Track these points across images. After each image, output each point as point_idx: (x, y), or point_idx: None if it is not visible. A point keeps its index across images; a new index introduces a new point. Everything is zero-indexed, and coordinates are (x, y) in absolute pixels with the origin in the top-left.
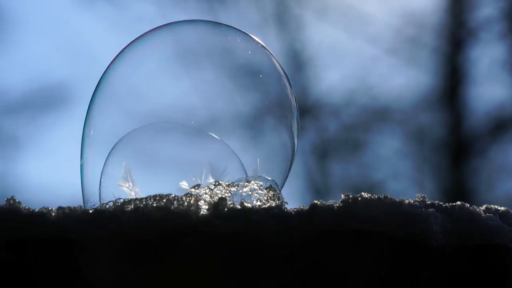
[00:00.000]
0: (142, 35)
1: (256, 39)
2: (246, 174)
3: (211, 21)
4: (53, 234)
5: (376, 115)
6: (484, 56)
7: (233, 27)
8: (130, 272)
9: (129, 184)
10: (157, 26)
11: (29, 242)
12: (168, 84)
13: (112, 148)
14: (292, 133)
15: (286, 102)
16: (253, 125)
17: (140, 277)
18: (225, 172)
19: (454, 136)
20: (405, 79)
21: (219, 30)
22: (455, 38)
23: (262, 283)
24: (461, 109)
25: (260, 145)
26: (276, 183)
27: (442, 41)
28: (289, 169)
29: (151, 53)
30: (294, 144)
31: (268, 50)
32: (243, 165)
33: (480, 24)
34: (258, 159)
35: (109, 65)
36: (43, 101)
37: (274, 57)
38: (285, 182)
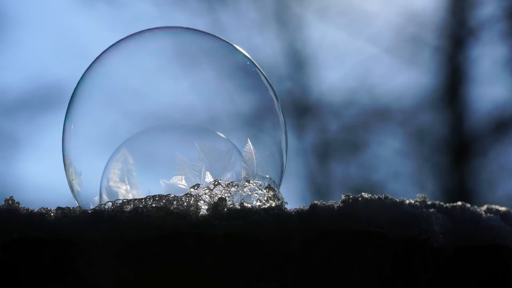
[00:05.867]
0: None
1: (241, 49)
2: (246, 173)
3: (194, 29)
4: (51, 235)
5: (377, 115)
6: (485, 56)
7: (217, 37)
8: (129, 273)
9: (126, 186)
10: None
11: (28, 243)
12: (154, 83)
13: (115, 149)
14: (281, 149)
15: (274, 117)
16: (241, 135)
17: (139, 278)
18: (227, 170)
19: (455, 136)
20: (406, 79)
21: (203, 40)
22: (456, 37)
23: (262, 284)
24: (462, 109)
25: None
26: (274, 181)
27: (443, 40)
28: (279, 184)
29: (141, 51)
30: (283, 162)
31: (253, 62)
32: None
33: (481, 23)
34: (249, 139)
35: (95, 60)
36: (42, 101)
37: (261, 70)
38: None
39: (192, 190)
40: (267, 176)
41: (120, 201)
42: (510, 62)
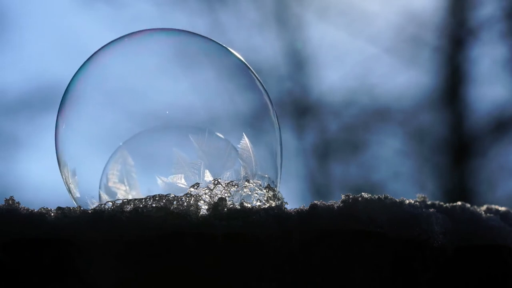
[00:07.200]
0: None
1: (237, 54)
2: (245, 171)
3: (188, 31)
4: (51, 235)
5: (377, 115)
6: (485, 56)
7: (211, 39)
8: (129, 273)
9: (126, 187)
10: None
11: (28, 243)
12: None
13: (114, 150)
14: (275, 156)
15: (268, 124)
16: (240, 135)
17: (139, 278)
18: (226, 168)
19: (455, 136)
20: (406, 79)
21: (199, 41)
22: (456, 37)
23: (262, 284)
24: (462, 109)
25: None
26: (273, 181)
27: (443, 40)
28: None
29: (141, 51)
30: (277, 166)
31: (249, 68)
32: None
33: (481, 24)
34: (246, 137)
35: (89, 58)
36: (42, 101)
37: (256, 76)
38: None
39: (192, 189)
40: (266, 176)
41: (120, 201)
42: (510, 62)
